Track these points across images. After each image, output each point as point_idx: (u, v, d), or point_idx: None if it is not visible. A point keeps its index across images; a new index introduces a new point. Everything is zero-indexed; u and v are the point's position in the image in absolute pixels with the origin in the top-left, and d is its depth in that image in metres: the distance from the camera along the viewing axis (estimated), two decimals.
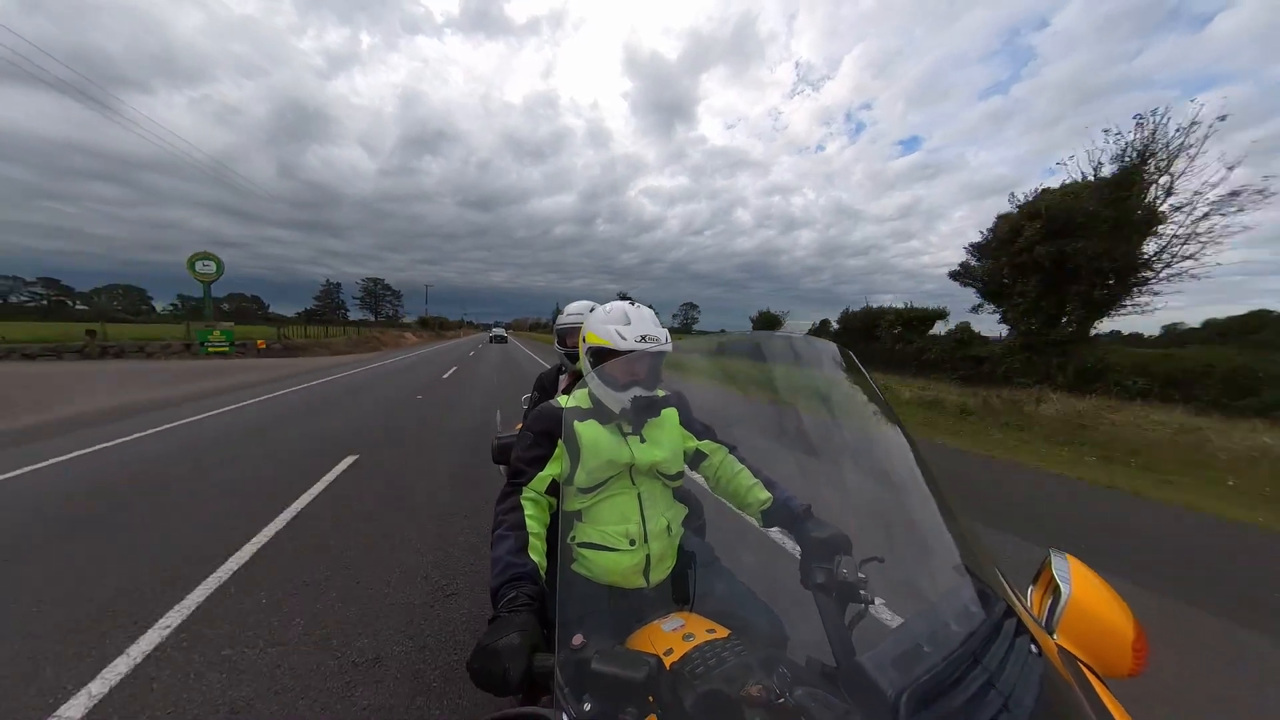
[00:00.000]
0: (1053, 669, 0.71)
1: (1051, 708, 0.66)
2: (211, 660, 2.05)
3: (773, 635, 1.04)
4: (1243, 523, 4.33)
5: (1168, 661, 2.27)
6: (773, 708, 0.66)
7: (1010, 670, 0.69)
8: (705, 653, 0.81)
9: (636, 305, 1.36)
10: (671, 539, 1.26)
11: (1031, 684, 0.68)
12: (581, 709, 0.67)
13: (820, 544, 1.04)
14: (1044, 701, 0.66)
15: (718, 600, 1.16)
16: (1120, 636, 0.80)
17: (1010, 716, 0.63)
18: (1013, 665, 0.70)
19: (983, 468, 6.07)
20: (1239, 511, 4.60)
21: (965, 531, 0.89)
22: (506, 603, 0.92)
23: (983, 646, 0.71)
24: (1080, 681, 0.74)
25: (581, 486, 1.20)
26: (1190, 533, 4.07)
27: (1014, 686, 0.67)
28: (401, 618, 2.37)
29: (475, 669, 0.77)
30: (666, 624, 0.99)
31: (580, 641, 0.73)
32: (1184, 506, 4.72)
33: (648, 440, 1.27)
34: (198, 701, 1.82)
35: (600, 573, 1.20)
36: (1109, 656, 0.80)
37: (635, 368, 1.26)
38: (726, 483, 1.34)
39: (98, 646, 2.10)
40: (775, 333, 1.41)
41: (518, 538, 1.08)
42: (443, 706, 1.86)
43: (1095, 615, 0.82)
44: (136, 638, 2.16)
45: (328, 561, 2.90)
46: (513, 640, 0.77)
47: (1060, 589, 0.87)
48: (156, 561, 2.84)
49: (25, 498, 3.86)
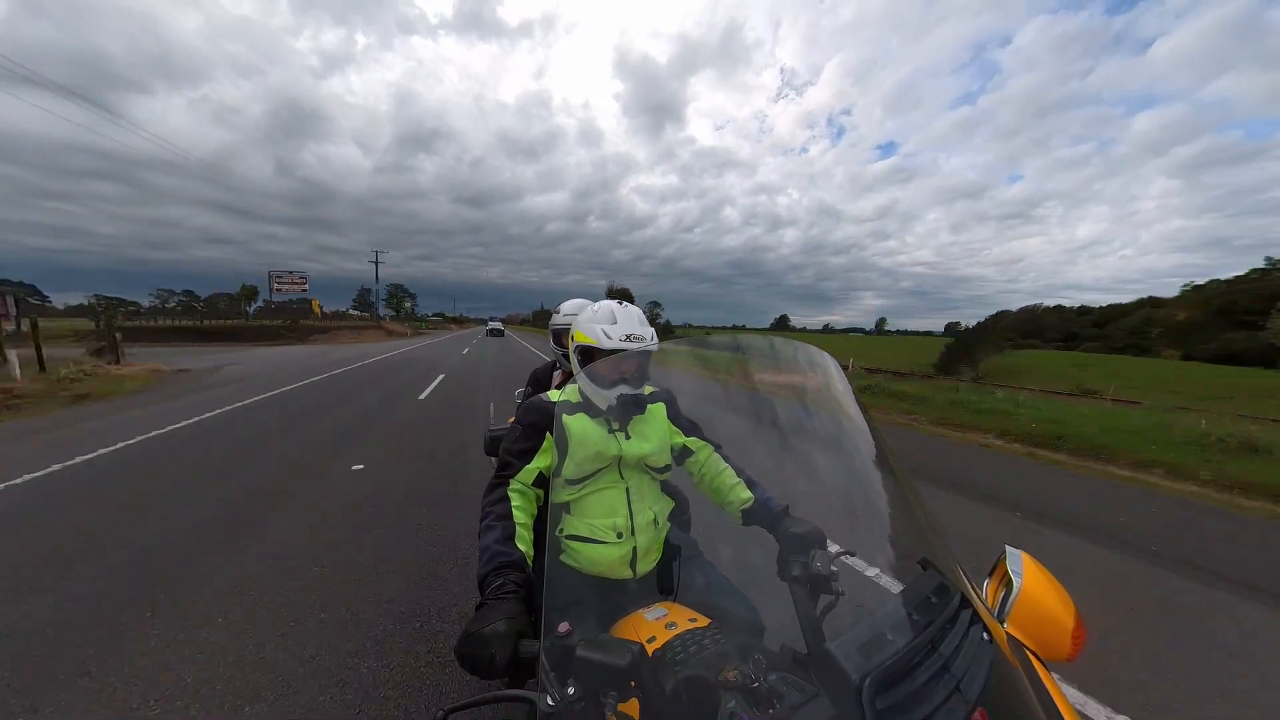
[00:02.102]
0: (1001, 655, 0.78)
1: (998, 689, 0.73)
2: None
3: (750, 624, 1.10)
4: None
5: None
6: (748, 691, 0.71)
7: (964, 656, 0.76)
8: (686, 640, 0.86)
9: (624, 305, 1.38)
10: (658, 532, 1.30)
11: (982, 668, 0.75)
12: (565, 692, 0.70)
13: (796, 539, 1.09)
14: (991, 684, 0.73)
15: (699, 591, 1.21)
16: (1062, 626, 0.88)
17: (961, 697, 0.69)
18: (966, 652, 0.77)
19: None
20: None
21: (931, 529, 0.96)
22: (493, 590, 0.94)
23: (940, 634, 0.78)
24: (1025, 666, 0.82)
25: (570, 478, 1.23)
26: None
27: (966, 671, 0.74)
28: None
29: (463, 654, 0.80)
30: (650, 613, 1.03)
31: (566, 629, 0.75)
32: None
33: (635, 435, 1.30)
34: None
35: (587, 564, 1.23)
36: (1052, 644, 0.88)
37: (622, 366, 1.29)
38: (710, 480, 1.37)
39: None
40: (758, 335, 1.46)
41: (504, 528, 1.10)
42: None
43: (1042, 607, 0.90)
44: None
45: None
46: (499, 627, 0.80)
47: (1013, 582, 0.95)
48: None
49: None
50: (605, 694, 0.71)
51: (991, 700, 0.70)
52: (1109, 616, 2.64)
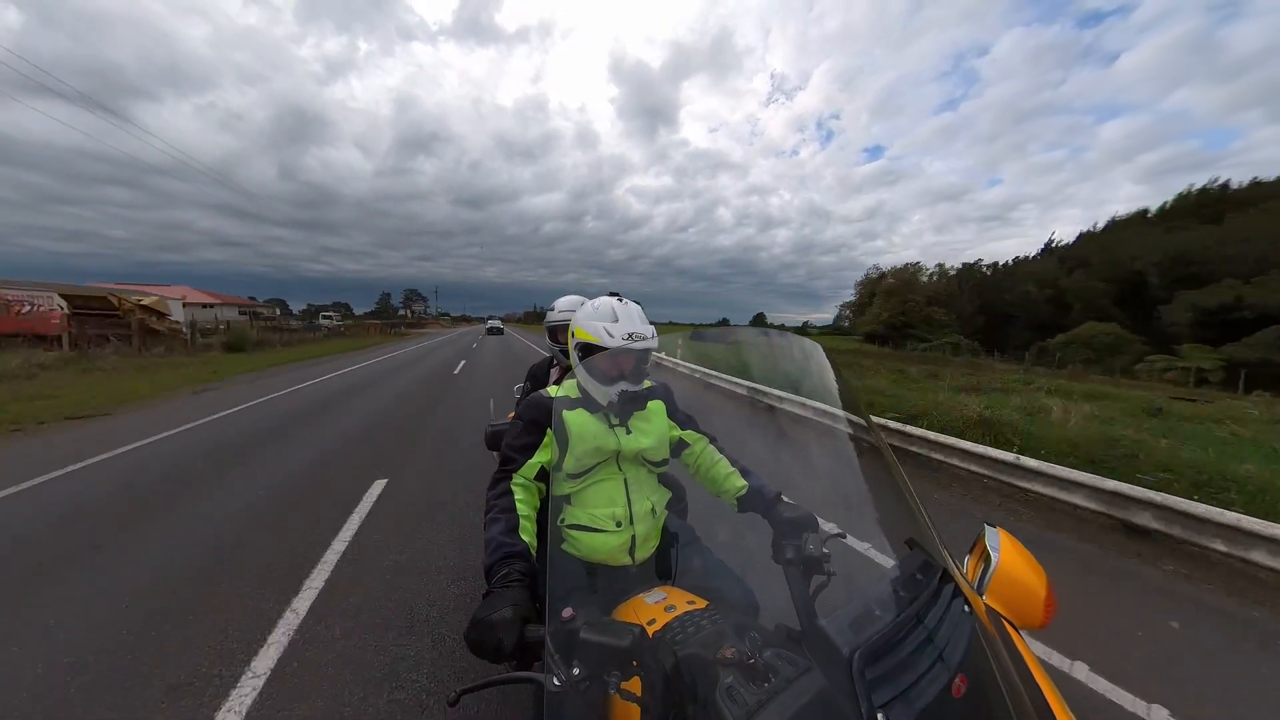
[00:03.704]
0: (980, 625, 0.84)
1: (977, 657, 0.79)
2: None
3: (746, 605, 1.16)
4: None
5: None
6: (744, 667, 0.76)
7: (946, 628, 0.81)
8: (685, 622, 0.91)
9: (624, 302, 1.38)
10: (656, 521, 1.34)
11: (963, 638, 0.80)
12: (570, 673, 0.74)
13: (789, 523, 1.14)
14: (971, 652, 0.79)
15: (697, 575, 1.27)
16: (1035, 597, 0.94)
17: (944, 665, 0.75)
18: (948, 624, 0.82)
19: None
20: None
21: (916, 510, 1.01)
22: (499, 579, 0.98)
23: (925, 609, 0.83)
24: (1002, 634, 0.88)
25: (570, 472, 1.26)
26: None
27: (948, 641, 0.79)
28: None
29: (472, 639, 0.83)
30: (650, 597, 1.08)
31: (569, 614, 0.79)
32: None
33: (634, 430, 1.32)
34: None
35: (588, 552, 1.27)
36: (1026, 613, 0.94)
37: (622, 363, 1.30)
38: (706, 470, 1.41)
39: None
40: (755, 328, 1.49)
41: (509, 520, 1.13)
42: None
43: (1017, 579, 0.96)
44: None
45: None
46: (505, 614, 0.84)
47: (991, 557, 1.01)
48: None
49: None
50: (609, 673, 0.75)
51: (971, 667, 0.76)
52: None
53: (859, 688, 0.68)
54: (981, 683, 0.74)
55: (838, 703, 0.70)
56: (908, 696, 0.70)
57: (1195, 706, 1.93)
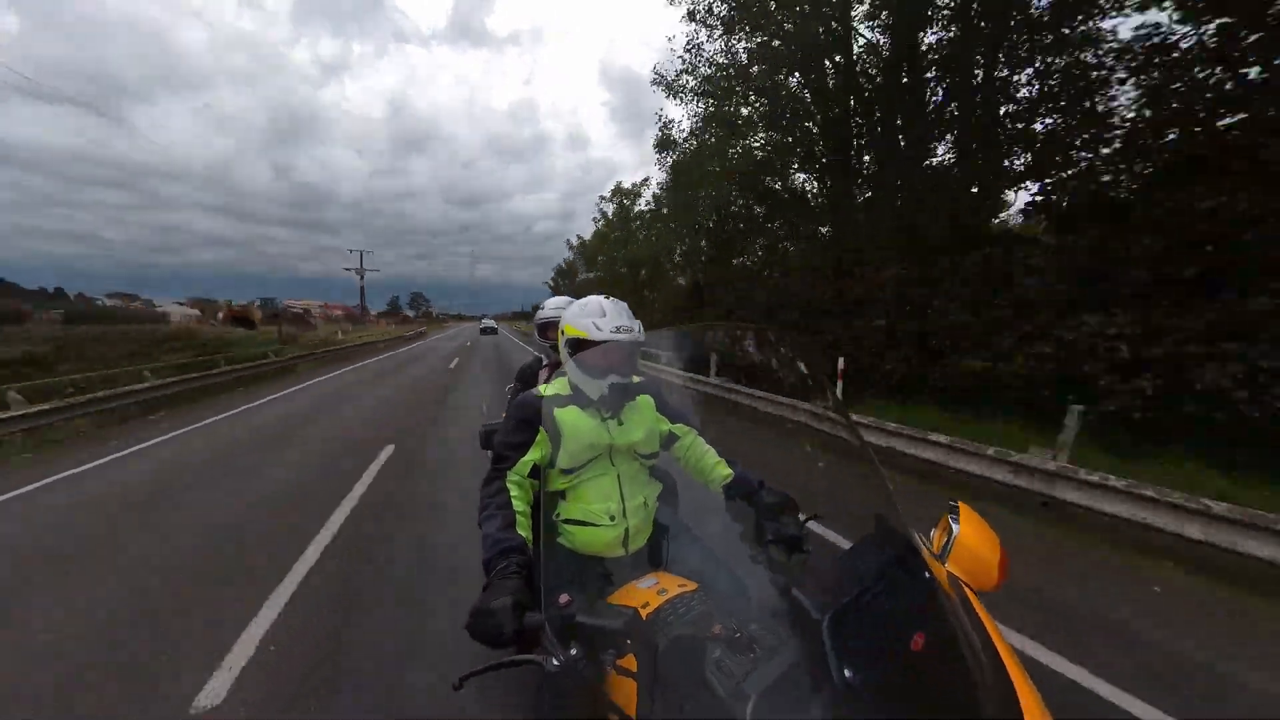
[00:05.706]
0: (939, 588, 0.93)
1: (935, 616, 0.88)
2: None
3: (733, 585, 1.24)
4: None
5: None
6: (731, 641, 0.84)
7: (908, 592, 0.90)
8: (676, 604, 0.98)
9: (612, 299, 1.41)
10: (648, 513, 1.40)
11: (922, 600, 0.89)
12: (568, 654, 0.79)
13: (771, 507, 1.22)
14: (930, 612, 0.88)
15: (687, 561, 1.34)
16: (990, 563, 1.04)
17: (906, 625, 0.84)
18: (911, 588, 0.91)
19: None
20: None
21: (884, 488, 1.10)
22: (498, 572, 1.02)
23: (890, 577, 0.92)
24: (960, 596, 0.97)
25: (564, 468, 1.30)
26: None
27: (909, 603, 0.88)
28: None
29: (473, 628, 0.87)
30: (642, 583, 1.15)
31: (566, 600, 0.84)
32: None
33: (625, 423, 1.37)
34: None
35: (583, 545, 1.33)
36: (982, 576, 1.04)
37: (612, 357, 1.33)
38: (695, 461, 1.48)
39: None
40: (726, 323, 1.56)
41: (504, 516, 1.17)
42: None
43: (974, 547, 1.06)
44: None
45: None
46: (505, 602, 0.88)
47: (952, 529, 1.10)
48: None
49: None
50: (604, 653, 0.81)
51: (930, 625, 0.85)
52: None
53: (830, 650, 0.76)
54: (939, 638, 0.83)
55: (811, 666, 0.78)
56: (872, 654, 0.78)
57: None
